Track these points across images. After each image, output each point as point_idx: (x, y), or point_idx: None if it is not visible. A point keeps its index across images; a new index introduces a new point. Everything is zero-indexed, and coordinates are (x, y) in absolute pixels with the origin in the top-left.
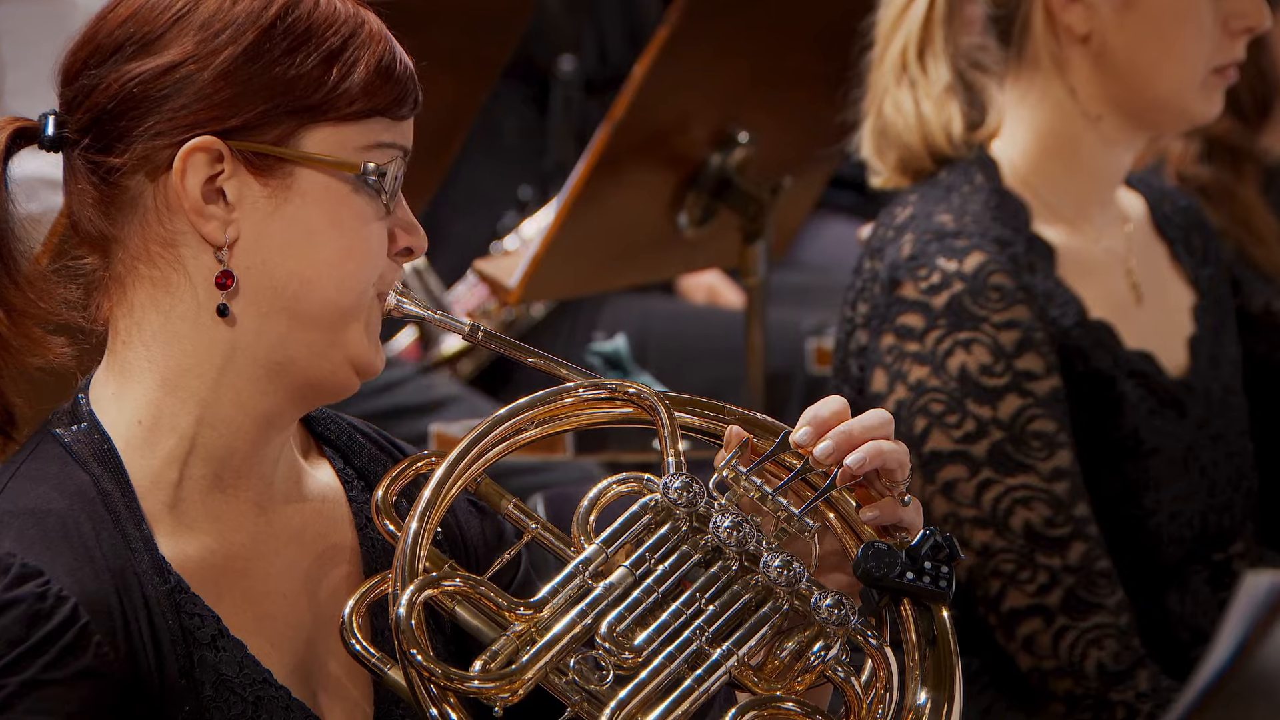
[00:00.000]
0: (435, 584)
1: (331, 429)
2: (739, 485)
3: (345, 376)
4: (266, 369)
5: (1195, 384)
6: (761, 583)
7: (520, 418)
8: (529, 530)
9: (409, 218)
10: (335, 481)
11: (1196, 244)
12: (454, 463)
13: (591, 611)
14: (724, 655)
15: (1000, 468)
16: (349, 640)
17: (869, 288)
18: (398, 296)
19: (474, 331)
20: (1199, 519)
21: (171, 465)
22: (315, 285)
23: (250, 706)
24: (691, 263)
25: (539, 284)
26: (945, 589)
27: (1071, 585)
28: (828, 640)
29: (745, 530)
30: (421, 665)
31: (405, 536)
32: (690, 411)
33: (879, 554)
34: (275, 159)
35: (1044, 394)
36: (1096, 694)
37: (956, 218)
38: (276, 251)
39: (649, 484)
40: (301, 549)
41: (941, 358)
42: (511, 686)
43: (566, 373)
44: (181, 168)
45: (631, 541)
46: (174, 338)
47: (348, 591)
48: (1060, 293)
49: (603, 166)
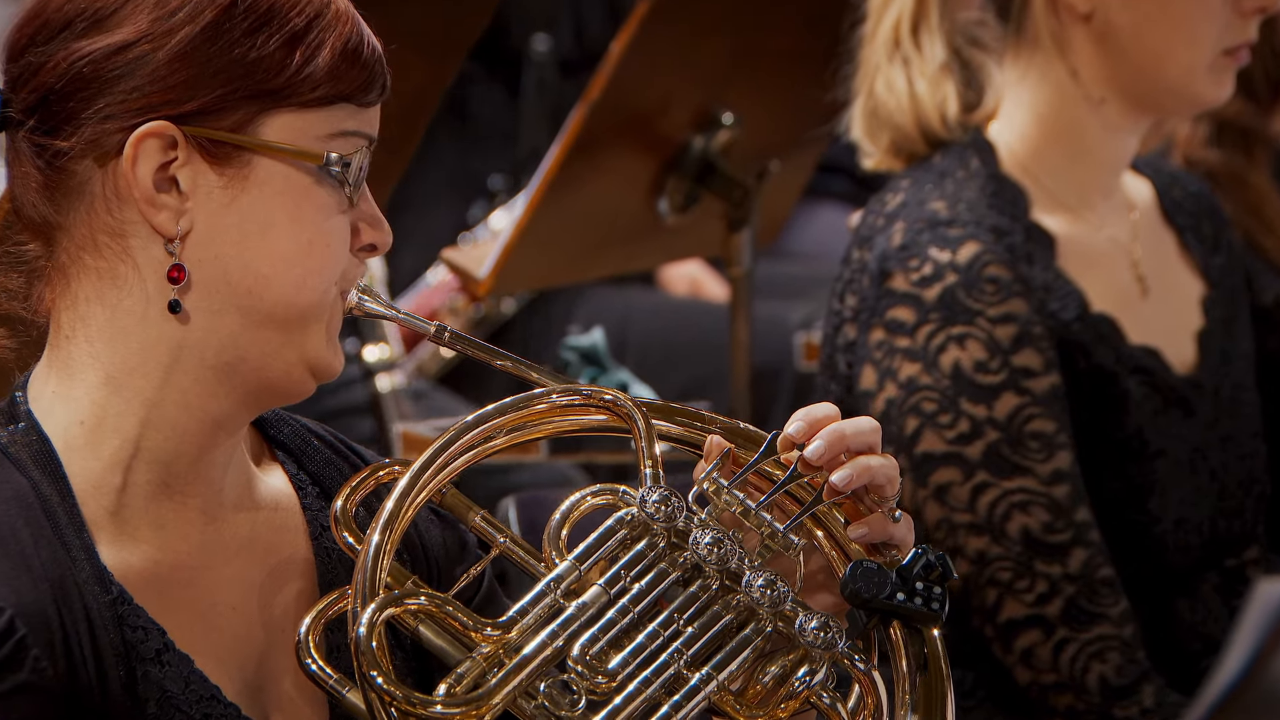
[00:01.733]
0: (398, 602)
1: (284, 431)
2: (720, 499)
3: (300, 379)
4: (216, 369)
5: (1204, 381)
6: (743, 603)
7: (489, 425)
8: (496, 545)
9: (374, 211)
10: (288, 488)
11: (1207, 231)
12: (418, 473)
13: (563, 633)
14: (703, 680)
15: (996, 470)
16: (305, 660)
17: (857, 279)
18: (360, 295)
19: (440, 332)
20: (1208, 525)
21: (114, 469)
22: (272, 282)
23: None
24: (673, 252)
25: (511, 275)
26: (938, 610)
27: (1072, 595)
28: (813, 664)
29: (727, 547)
30: (382, 689)
31: (366, 551)
32: (669, 419)
33: (868, 573)
34: (232, 147)
35: (1042, 392)
36: (1099, 710)
37: (950, 205)
38: (232, 245)
39: (625, 497)
40: (252, 559)
41: (934, 354)
42: (478, 712)
43: (538, 376)
44: (132, 154)
45: (606, 558)
46: (120, 333)
47: (301, 605)
48: (1060, 285)
49: (578, 151)
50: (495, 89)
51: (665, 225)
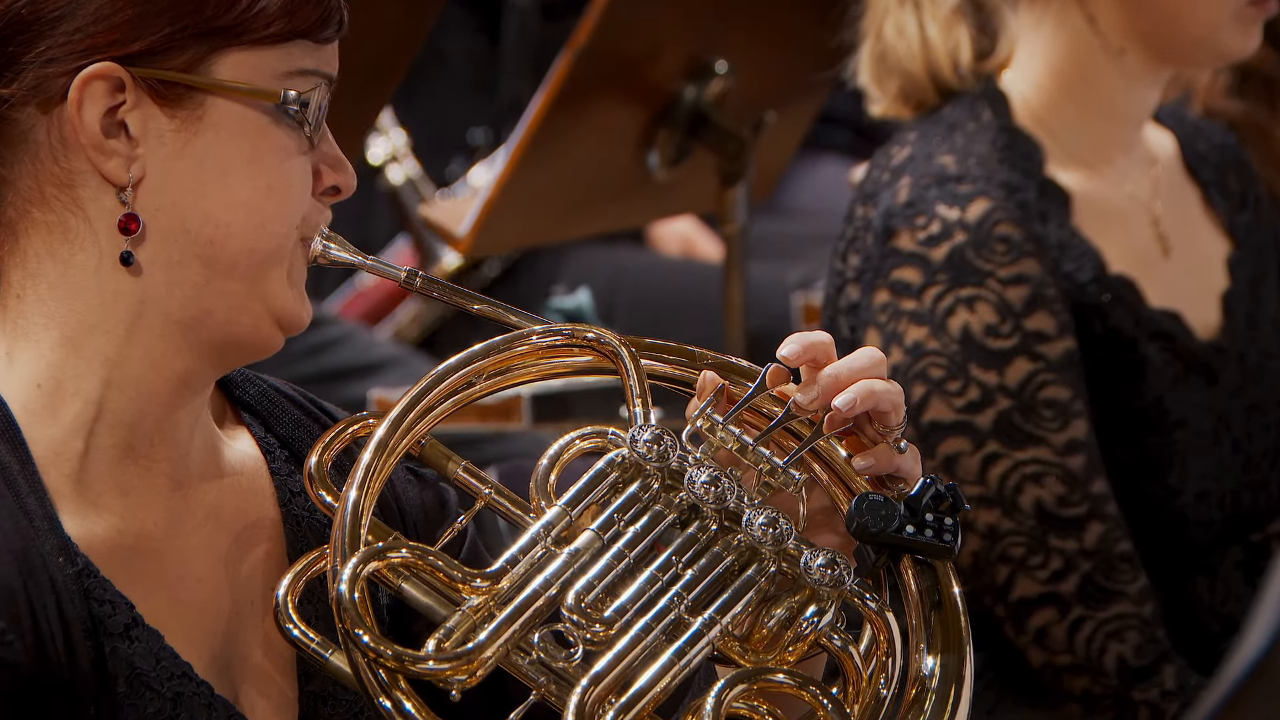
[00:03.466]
0: (380, 556)
1: (251, 392)
2: (715, 436)
3: (267, 331)
4: (180, 324)
5: (1228, 346)
6: (744, 543)
7: (469, 369)
8: (481, 496)
9: (335, 153)
10: (255, 451)
11: (1233, 187)
12: (396, 422)
13: (556, 581)
14: (705, 625)
15: (1008, 440)
16: (285, 625)
17: (861, 237)
18: (324, 241)
19: (411, 278)
20: (1231, 499)
21: (76, 434)
22: (231, 229)
23: (169, 704)
24: (663, 209)
25: (492, 233)
26: (950, 543)
27: (1088, 571)
28: (821, 604)
29: (724, 485)
30: (368, 647)
31: (344, 506)
32: (657, 357)
33: (874, 507)
34: (184, 87)
35: (1056, 357)
36: (1117, 692)
37: (960, 159)
38: (187, 192)
39: (615, 438)
40: (219, 527)
41: (941, 317)
42: (469, 667)
43: (517, 320)
44: (78, 98)
45: (598, 502)
46: (74, 290)
47: (270, 574)
48: (1076, 244)
49: (563, 101)
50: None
51: (655, 180)
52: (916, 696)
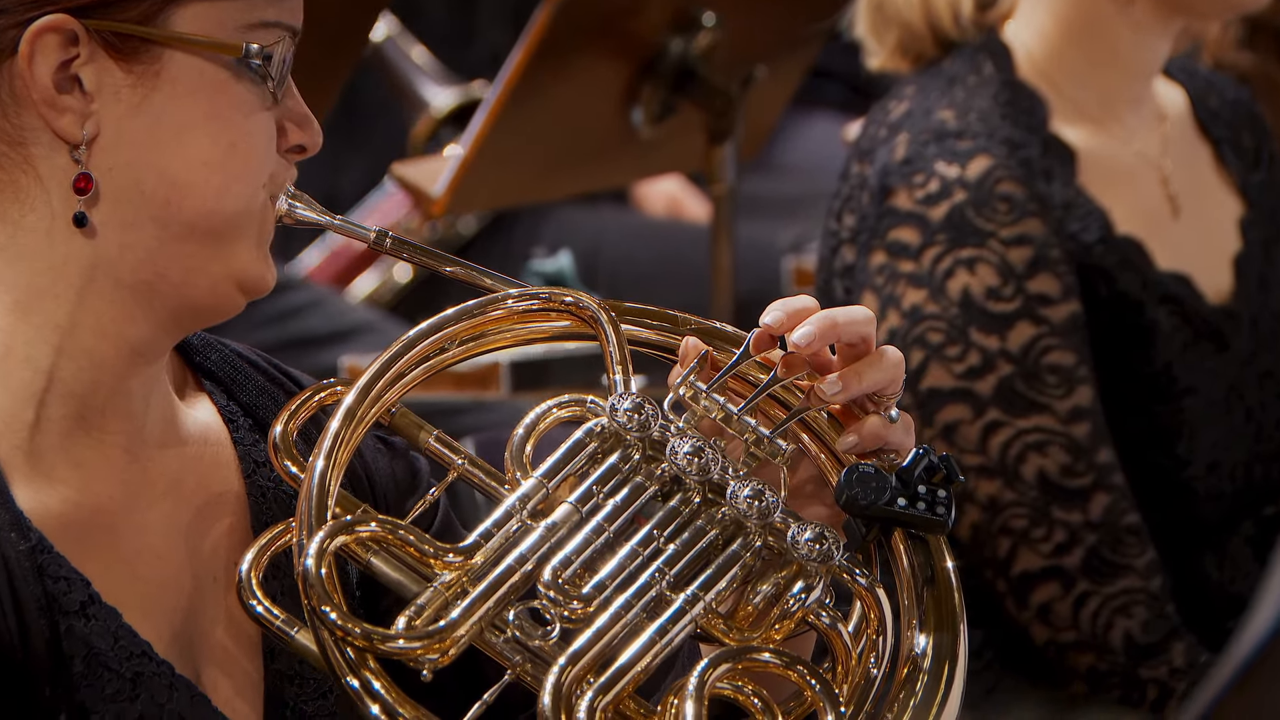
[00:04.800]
0: (348, 529)
1: (212, 358)
2: (698, 405)
3: (227, 295)
4: (133, 289)
5: (1240, 311)
6: (729, 516)
7: (441, 334)
8: (454, 467)
9: (301, 109)
10: (217, 420)
11: (1247, 144)
12: (365, 389)
13: (532, 556)
14: (688, 601)
15: (1010, 407)
16: (248, 601)
17: (856, 196)
18: (290, 201)
19: (380, 239)
20: (1242, 470)
21: (26, 404)
22: (191, 190)
23: (128, 684)
24: (648, 167)
25: (469, 192)
26: (944, 516)
27: (1094, 544)
28: (808, 580)
29: (708, 456)
30: (335, 624)
31: (310, 477)
32: (638, 322)
33: (865, 478)
34: (140, 40)
35: (1060, 321)
36: (1124, 670)
37: (960, 114)
38: (144, 150)
39: (594, 407)
40: (179, 500)
41: (941, 279)
42: (441, 646)
43: (492, 282)
44: (29, 51)
45: (576, 474)
46: (24, 253)
47: (233, 548)
48: (1081, 203)
49: (543, 54)
50: None
51: (640, 138)
52: (908, 676)
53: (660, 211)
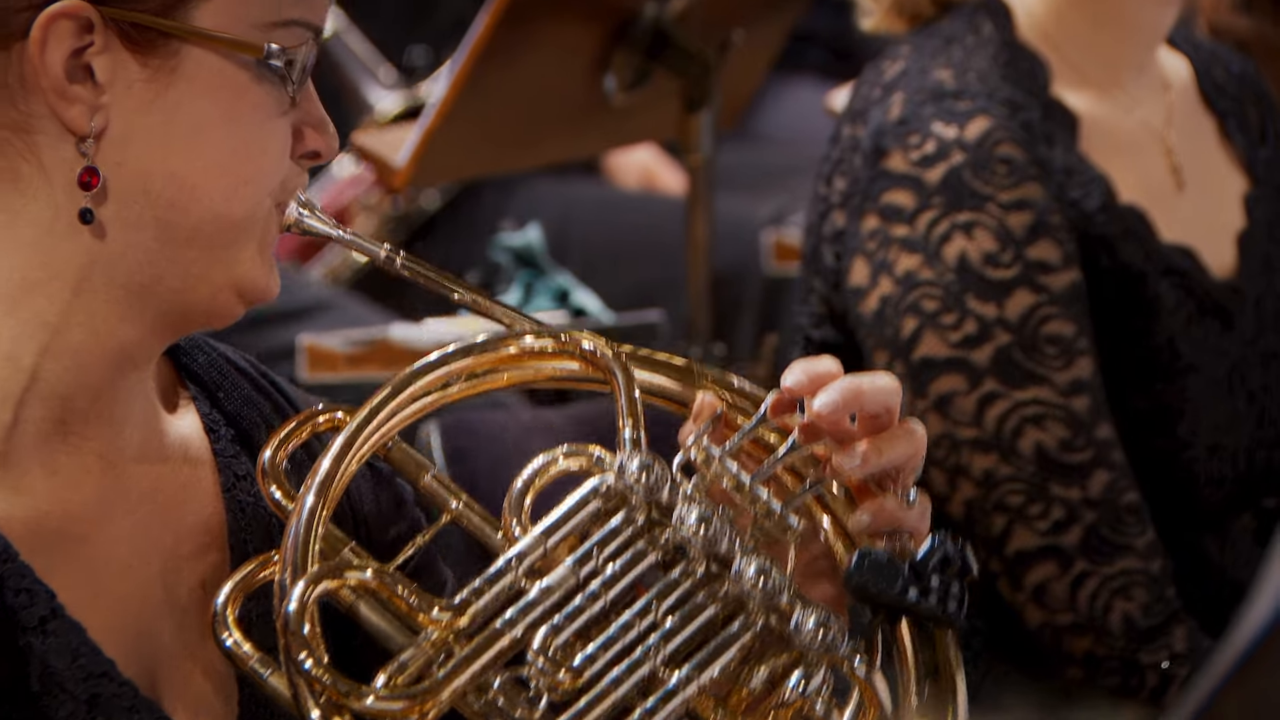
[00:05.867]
0: (335, 574)
1: (200, 360)
2: (710, 470)
3: (227, 303)
4: (128, 289)
5: (1245, 289)
6: (732, 594)
7: (446, 370)
8: (448, 510)
9: (319, 112)
10: (199, 429)
11: (1253, 119)
12: (359, 428)
13: (523, 619)
14: (682, 681)
15: (1007, 378)
16: (221, 635)
17: (848, 159)
18: (300, 209)
19: (390, 258)
20: (1244, 457)
21: (4, 404)
22: (199, 192)
23: (83, 707)
24: (621, 136)
25: (433, 163)
26: (955, 612)
27: (1093, 522)
28: (808, 668)
29: (715, 527)
30: (311, 676)
31: (299, 516)
32: (655, 371)
33: (877, 565)
34: (159, 33)
35: (1061, 290)
36: (1123, 654)
37: (958, 74)
38: (153, 148)
39: (601, 462)
40: (155, 512)
41: (936, 244)
42: (421, 708)
43: (502, 313)
44: (41, 37)
45: (576, 534)
46: (20, 245)
47: (207, 566)
48: (1083, 170)
49: (510, 18)
50: None
51: (612, 106)
52: None
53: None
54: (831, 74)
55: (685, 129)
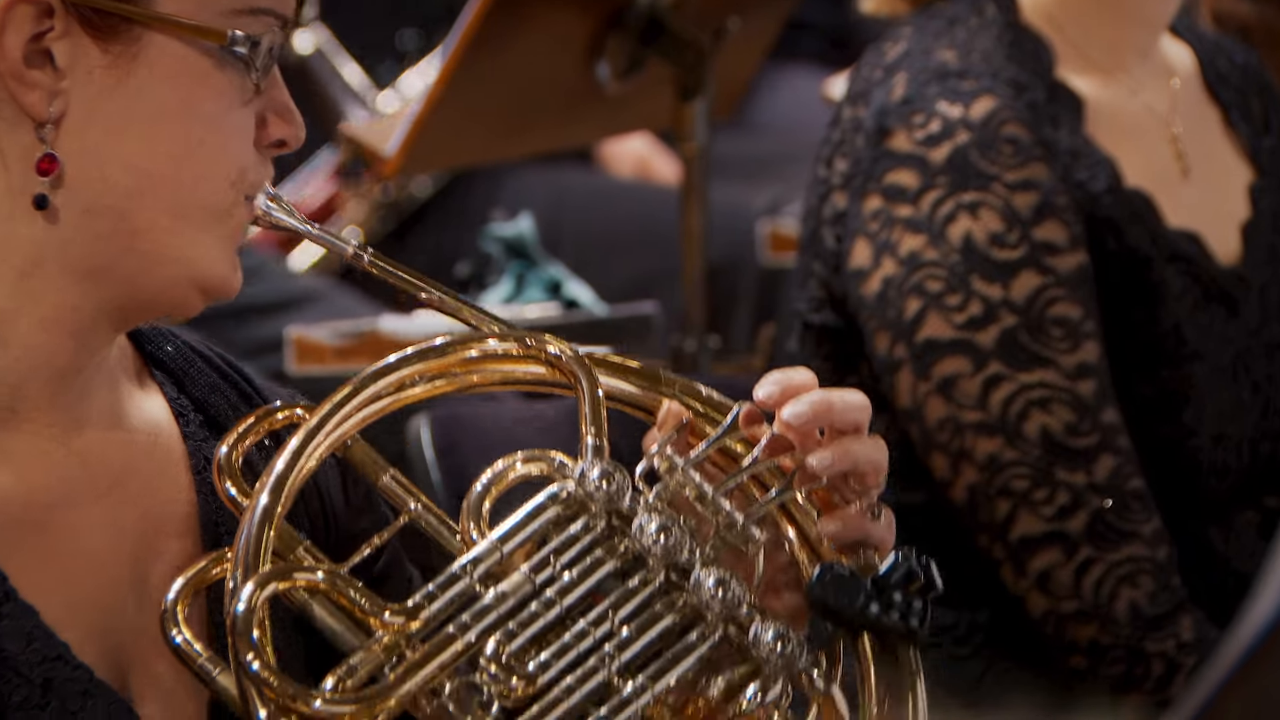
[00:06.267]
0: (285, 576)
1: (165, 350)
2: (673, 479)
3: (184, 296)
4: (79, 276)
5: (1250, 277)
6: (690, 604)
7: (407, 371)
8: (406, 511)
9: (285, 100)
10: (167, 413)
11: (1256, 110)
12: (315, 428)
13: (476, 625)
14: (637, 690)
15: (1012, 361)
16: (170, 631)
17: (849, 140)
18: (268, 202)
19: (359, 255)
20: (1248, 448)
21: None
22: (157, 182)
23: (37, 691)
24: (614, 125)
25: (423, 152)
26: (917, 628)
27: (1099, 508)
28: (765, 681)
29: (675, 537)
30: (258, 678)
31: (251, 516)
32: (621, 377)
33: (839, 580)
34: (120, 19)
35: (1067, 272)
36: (1128, 643)
37: (962, 55)
38: (112, 136)
39: (562, 468)
40: (123, 498)
41: (941, 224)
42: (371, 711)
43: (470, 314)
44: (0, 22)
45: (534, 540)
46: None
47: (179, 551)
48: (1089, 152)
49: (502, 4)
50: None
51: (605, 93)
52: None
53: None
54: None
55: (680, 117)
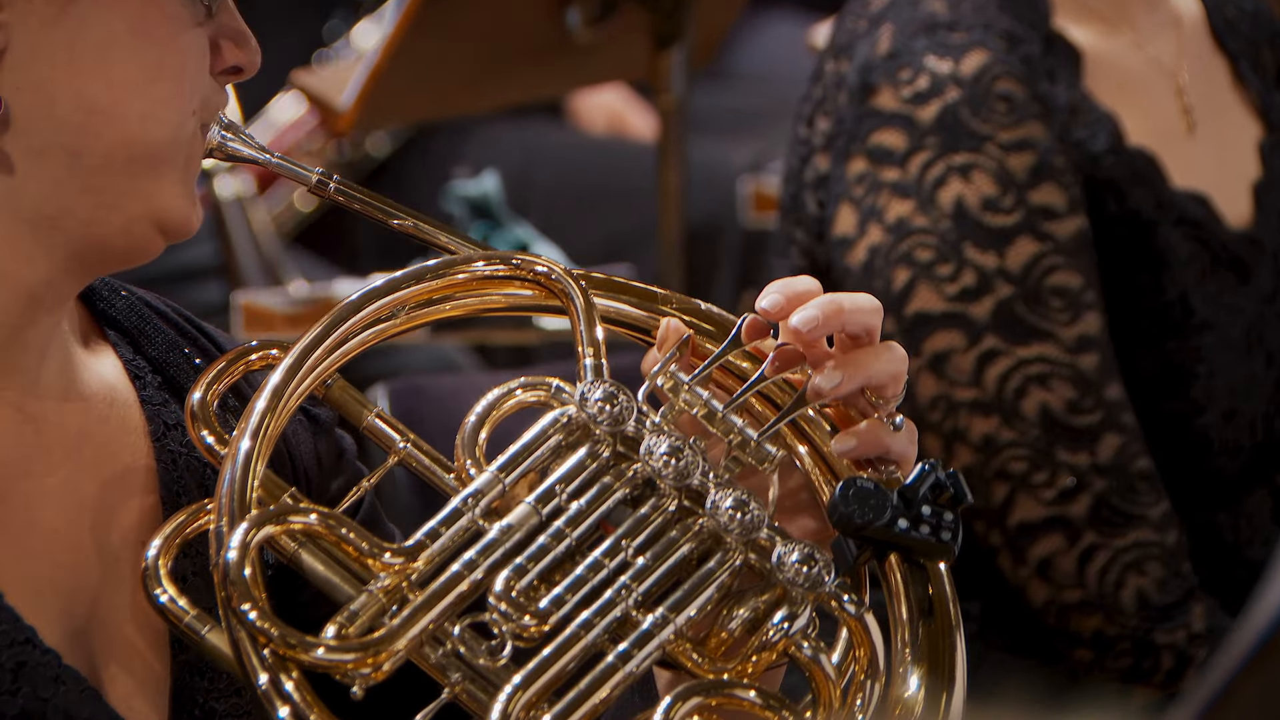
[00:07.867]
0: (278, 519)
1: (117, 305)
2: (678, 398)
3: (143, 236)
4: (34, 225)
5: (1263, 241)
6: (707, 529)
7: (393, 298)
8: (395, 450)
9: (237, 25)
10: (123, 377)
11: (1267, 62)
12: (297, 361)
13: (483, 562)
14: (657, 624)
15: (1009, 334)
16: (154, 591)
17: (832, 97)
18: (223, 133)
19: (323, 182)
20: (1261, 424)
21: None
22: (111, 114)
23: (7, 676)
24: (586, 76)
25: (381, 105)
26: (949, 542)
27: (1103, 491)
28: (792, 608)
29: (687, 459)
30: (255, 627)
31: (234, 459)
32: (615, 296)
33: (863, 494)
34: None
35: (1066, 238)
36: (1136, 634)
37: (951, 5)
38: (59, 69)
39: (560, 394)
40: (80, 466)
41: (930, 188)
42: (375, 659)
43: (448, 240)
44: None
45: (537, 470)
46: None
47: (141, 523)
48: (1089, 109)
49: None
50: None
51: (576, 42)
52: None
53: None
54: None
55: (655, 67)
